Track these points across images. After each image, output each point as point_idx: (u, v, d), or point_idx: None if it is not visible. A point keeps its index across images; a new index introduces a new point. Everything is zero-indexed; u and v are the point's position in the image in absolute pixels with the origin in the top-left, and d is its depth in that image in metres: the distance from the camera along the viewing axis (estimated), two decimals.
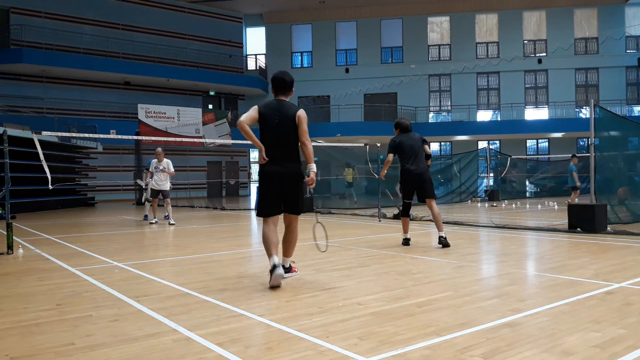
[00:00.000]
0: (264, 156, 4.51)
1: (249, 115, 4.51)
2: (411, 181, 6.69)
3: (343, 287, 4.19)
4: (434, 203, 6.68)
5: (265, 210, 4.46)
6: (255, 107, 4.59)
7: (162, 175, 10.92)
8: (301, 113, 4.52)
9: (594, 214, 7.65)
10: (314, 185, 4.43)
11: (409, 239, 6.80)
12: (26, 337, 2.98)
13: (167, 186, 11.00)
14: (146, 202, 12.92)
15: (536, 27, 28.97)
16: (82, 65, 23.92)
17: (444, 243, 6.39)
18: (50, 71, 23.77)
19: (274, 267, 4.18)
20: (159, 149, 11.03)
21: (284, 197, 4.47)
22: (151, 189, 11.17)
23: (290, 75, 4.67)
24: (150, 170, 11.19)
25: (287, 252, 4.59)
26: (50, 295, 4.10)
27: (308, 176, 4.51)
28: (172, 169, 10.94)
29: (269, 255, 4.29)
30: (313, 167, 4.48)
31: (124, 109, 25.67)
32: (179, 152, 26.85)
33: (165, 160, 10.95)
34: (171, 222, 10.62)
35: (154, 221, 10.97)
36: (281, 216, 4.54)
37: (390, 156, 6.80)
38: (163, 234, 8.99)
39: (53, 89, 24.47)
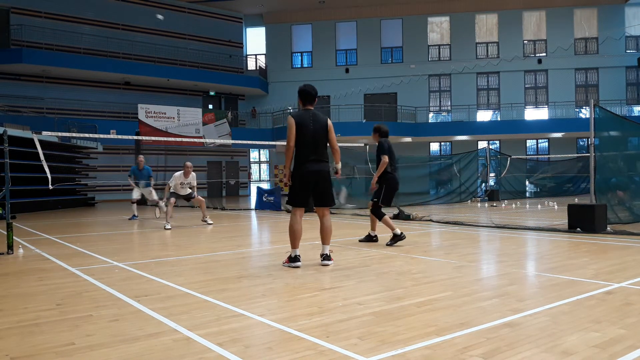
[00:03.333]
0: (304, 159, 5.16)
1: (293, 135, 5.10)
2: (396, 188, 6.92)
3: (343, 287, 4.19)
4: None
5: (300, 201, 5.19)
6: (292, 122, 5.11)
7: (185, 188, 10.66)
8: (330, 122, 5.32)
9: (594, 214, 7.64)
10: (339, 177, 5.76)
11: (401, 233, 6.71)
12: (26, 337, 2.98)
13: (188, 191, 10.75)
14: (133, 203, 12.79)
15: (536, 27, 28.98)
16: (82, 65, 23.93)
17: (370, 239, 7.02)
18: (50, 71, 23.77)
19: (297, 257, 5.12)
20: (189, 163, 10.69)
21: (318, 191, 5.23)
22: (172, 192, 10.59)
23: (315, 88, 5.35)
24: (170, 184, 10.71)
25: (326, 240, 5.31)
26: (50, 295, 4.10)
27: (336, 172, 5.60)
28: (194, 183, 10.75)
29: (295, 246, 5.14)
30: (339, 165, 5.56)
31: (124, 109, 25.67)
32: (179, 152, 26.85)
33: (192, 174, 10.65)
34: (209, 222, 10.62)
35: (169, 226, 9.97)
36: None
37: (386, 158, 6.72)
38: (163, 234, 8.99)
39: (53, 89, 24.47)
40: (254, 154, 31.74)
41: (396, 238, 6.68)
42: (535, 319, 3.17)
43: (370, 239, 7.10)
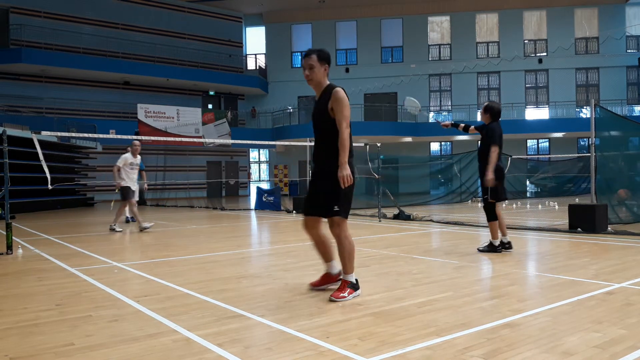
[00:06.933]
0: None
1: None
2: (502, 178, 6.04)
3: None
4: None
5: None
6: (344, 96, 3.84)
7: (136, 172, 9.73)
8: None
9: (595, 214, 7.63)
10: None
11: (499, 246, 5.94)
12: (26, 338, 2.97)
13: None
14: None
15: (537, 26, 28.97)
16: (81, 65, 23.93)
17: None
18: (50, 71, 23.77)
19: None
20: (138, 142, 9.79)
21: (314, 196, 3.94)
22: (130, 187, 9.65)
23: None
24: (119, 165, 9.60)
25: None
26: (50, 296, 4.09)
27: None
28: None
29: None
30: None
31: (123, 109, 25.66)
32: (179, 152, 26.85)
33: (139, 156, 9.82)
34: (117, 229, 9.44)
35: (148, 225, 9.47)
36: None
37: (497, 148, 5.92)
38: (163, 235, 8.98)
39: (52, 89, 24.46)
40: (253, 154, 31.73)
41: (492, 247, 5.90)
42: (535, 319, 3.16)
43: (503, 245, 6.01)
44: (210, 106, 28.90)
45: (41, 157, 8.04)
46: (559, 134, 27.76)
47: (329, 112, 3.72)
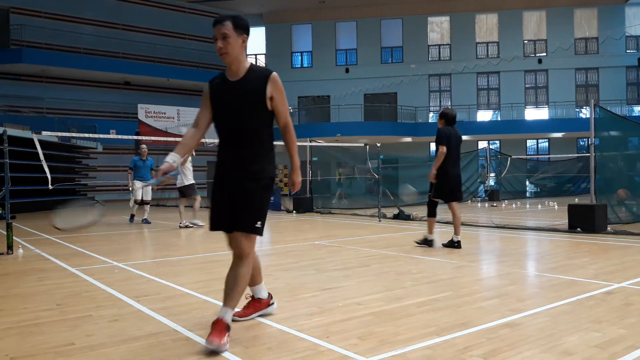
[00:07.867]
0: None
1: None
2: (448, 183, 6.31)
3: (343, 287, 4.19)
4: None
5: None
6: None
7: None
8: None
9: (594, 214, 7.65)
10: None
11: (432, 240, 6.46)
12: (26, 337, 2.98)
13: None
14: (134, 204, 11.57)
15: (536, 27, 28.97)
16: (82, 65, 23.96)
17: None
18: (50, 71, 23.78)
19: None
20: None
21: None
22: (194, 184, 10.36)
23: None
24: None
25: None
26: (50, 295, 4.10)
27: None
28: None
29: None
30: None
31: (124, 109, 25.69)
32: None
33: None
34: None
35: (201, 223, 10.17)
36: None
37: (444, 148, 6.16)
38: (162, 235, 8.98)
39: (53, 89, 24.48)
40: None
41: (426, 242, 6.41)
42: (535, 319, 3.16)
43: (452, 244, 6.36)
44: None
45: (42, 157, 8.06)
46: (559, 134, 27.77)
47: (266, 102, 2.96)
